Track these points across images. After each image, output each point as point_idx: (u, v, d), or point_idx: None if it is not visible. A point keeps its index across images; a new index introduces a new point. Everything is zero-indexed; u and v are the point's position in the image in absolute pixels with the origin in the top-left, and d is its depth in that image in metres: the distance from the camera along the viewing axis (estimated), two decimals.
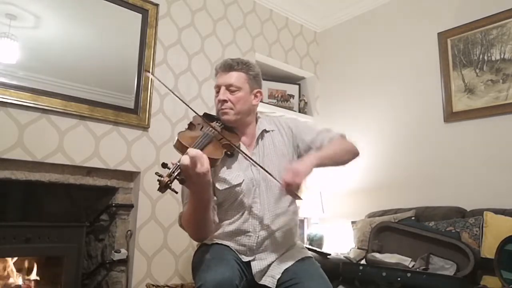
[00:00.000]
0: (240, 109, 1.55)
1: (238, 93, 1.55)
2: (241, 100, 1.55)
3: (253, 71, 1.60)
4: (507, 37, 2.70)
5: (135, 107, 2.61)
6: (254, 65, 1.62)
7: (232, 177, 1.50)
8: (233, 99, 1.54)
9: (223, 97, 1.54)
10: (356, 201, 3.29)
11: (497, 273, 1.92)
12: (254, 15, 3.46)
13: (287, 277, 1.45)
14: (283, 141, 1.64)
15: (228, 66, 1.57)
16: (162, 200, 2.68)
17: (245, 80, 1.57)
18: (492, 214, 2.29)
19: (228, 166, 1.52)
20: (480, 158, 2.71)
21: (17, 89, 2.17)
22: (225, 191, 1.50)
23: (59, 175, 2.36)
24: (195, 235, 1.49)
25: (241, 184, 1.50)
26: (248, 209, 1.51)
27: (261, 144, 1.61)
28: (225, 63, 1.58)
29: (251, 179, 1.53)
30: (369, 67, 3.47)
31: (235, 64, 1.57)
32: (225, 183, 1.50)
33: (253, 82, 1.60)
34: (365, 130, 3.37)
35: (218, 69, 1.60)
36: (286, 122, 1.70)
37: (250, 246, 1.50)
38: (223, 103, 1.55)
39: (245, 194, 1.51)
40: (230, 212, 1.53)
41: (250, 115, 1.62)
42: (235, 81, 1.55)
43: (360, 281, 2.25)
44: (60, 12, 2.39)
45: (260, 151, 1.60)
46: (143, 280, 2.53)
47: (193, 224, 1.43)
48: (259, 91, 1.62)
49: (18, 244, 2.18)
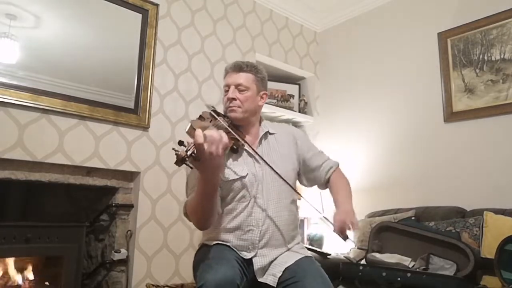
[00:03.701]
0: (248, 108, 1.63)
1: (246, 92, 1.63)
2: (249, 99, 1.63)
3: (261, 74, 1.69)
4: (507, 37, 2.70)
5: (135, 107, 2.61)
6: (262, 69, 1.72)
7: (237, 170, 1.56)
8: (241, 98, 1.61)
9: (232, 95, 1.61)
10: (356, 201, 3.26)
11: (497, 273, 1.92)
12: (254, 15, 3.46)
13: (287, 275, 1.47)
14: (288, 144, 1.71)
15: (238, 67, 1.65)
16: (162, 200, 2.68)
17: (253, 81, 1.65)
18: (492, 214, 2.29)
19: (234, 160, 1.59)
20: (480, 158, 2.71)
21: (17, 89, 2.17)
22: (229, 183, 1.55)
23: (59, 175, 2.36)
24: (199, 222, 1.49)
25: (245, 177, 1.55)
26: (251, 204, 1.55)
27: (264, 143, 1.67)
28: (236, 64, 1.67)
29: (254, 175, 1.58)
30: (369, 67, 3.47)
31: (245, 66, 1.66)
32: (229, 175, 1.55)
33: (260, 84, 1.68)
34: (365, 130, 3.37)
35: (229, 69, 1.68)
36: (290, 129, 1.81)
37: (252, 240, 1.52)
38: (231, 101, 1.62)
39: (248, 188, 1.56)
40: (233, 206, 1.56)
41: (255, 116, 1.69)
42: (244, 81, 1.63)
43: (360, 281, 2.25)
44: (60, 12, 2.39)
45: (264, 150, 1.65)
46: (143, 280, 2.53)
47: (199, 210, 1.44)
48: (265, 93, 1.71)
49: (18, 244, 2.18)
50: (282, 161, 1.64)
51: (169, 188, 2.72)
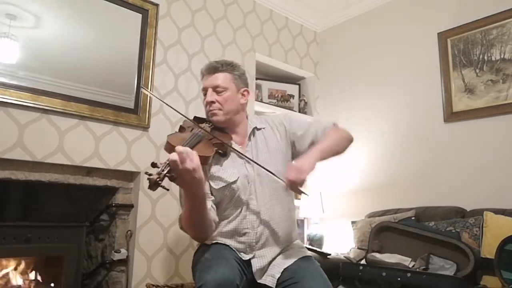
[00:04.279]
0: (229, 109, 1.59)
1: (225, 93, 1.59)
2: (229, 100, 1.59)
3: (237, 71, 1.64)
4: (507, 37, 2.70)
5: (135, 107, 2.61)
6: (238, 65, 1.66)
7: (227, 175, 1.53)
8: (220, 100, 1.58)
9: (211, 98, 1.58)
10: (356, 201, 3.29)
11: (497, 273, 1.92)
12: (254, 15, 3.46)
13: (287, 276, 1.46)
14: (275, 137, 1.65)
15: (213, 68, 1.61)
16: (162, 200, 2.68)
17: (231, 80, 1.61)
18: (492, 214, 2.29)
19: (222, 165, 1.55)
20: (480, 158, 2.71)
21: (17, 89, 2.17)
22: (221, 190, 1.52)
23: (59, 175, 2.36)
24: (195, 235, 1.50)
25: (236, 182, 1.52)
26: (245, 206, 1.54)
27: (253, 141, 1.64)
28: (210, 65, 1.63)
29: (246, 176, 1.55)
30: (369, 67, 3.47)
31: (220, 66, 1.61)
32: (220, 182, 1.52)
33: (239, 82, 1.64)
34: (365, 130, 3.37)
35: (204, 72, 1.64)
36: (278, 118, 1.72)
37: (249, 243, 1.51)
38: (211, 105, 1.59)
39: (241, 191, 1.53)
40: (228, 211, 1.55)
41: (239, 114, 1.64)
42: (221, 82, 1.59)
43: (360, 281, 2.25)
44: (60, 12, 2.39)
45: (253, 148, 1.62)
46: (143, 280, 2.53)
47: (192, 224, 1.44)
48: (246, 89, 1.66)
49: (18, 244, 2.18)
50: (271, 158, 1.59)
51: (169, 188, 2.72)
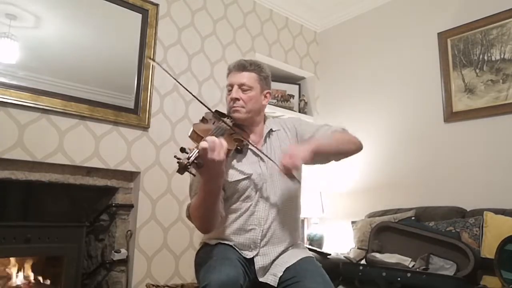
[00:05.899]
0: (251, 108, 1.61)
1: (249, 92, 1.60)
2: (253, 99, 1.61)
3: (264, 72, 1.66)
4: (507, 37, 2.70)
5: (135, 107, 2.61)
6: (265, 67, 1.69)
7: (241, 170, 1.55)
8: (245, 98, 1.59)
9: (236, 95, 1.60)
10: (356, 201, 3.29)
11: (497, 273, 1.92)
12: (254, 15, 3.46)
13: (288, 275, 1.47)
14: (287, 139, 1.69)
15: (241, 66, 1.63)
16: (162, 200, 2.68)
17: (257, 80, 1.63)
18: (492, 214, 2.29)
19: (238, 160, 1.58)
20: (480, 158, 2.71)
21: (17, 89, 2.17)
22: (234, 183, 1.54)
23: (59, 175, 2.36)
24: (201, 225, 1.49)
25: (250, 177, 1.55)
26: (254, 203, 1.55)
27: (268, 142, 1.66)
28: (239, 63, 1.64)
29: (259, 174, 1.57)
30: (369, 67, 3.47)
31: (248, 65, 1.63)
32: (234, 175, 1.54)
33: (264, 83, 1.65)
34: (365, 130, 3.36)
35: (232, 68, 1.65)
36: (291, 121, 1.76)
37: (254, 239, 1.53)
38: (235, 101, 1.60)
39: (253, 187, 1.55)
40: (237, 206, 1.56)
41: (259, 115, 1.67)
42: (247, 81, 1.61)
43: (360, 281, 2.25)
44: (60, 12, 2.39)
45: (268, 148, 1.64)
46: (143, 280, 2.53)
47: (202, 214, 1.44)
48: (268, 92, 1.68)
49: (18, 244, 2.18)
50: None
51: (169, 188, 2.72)
